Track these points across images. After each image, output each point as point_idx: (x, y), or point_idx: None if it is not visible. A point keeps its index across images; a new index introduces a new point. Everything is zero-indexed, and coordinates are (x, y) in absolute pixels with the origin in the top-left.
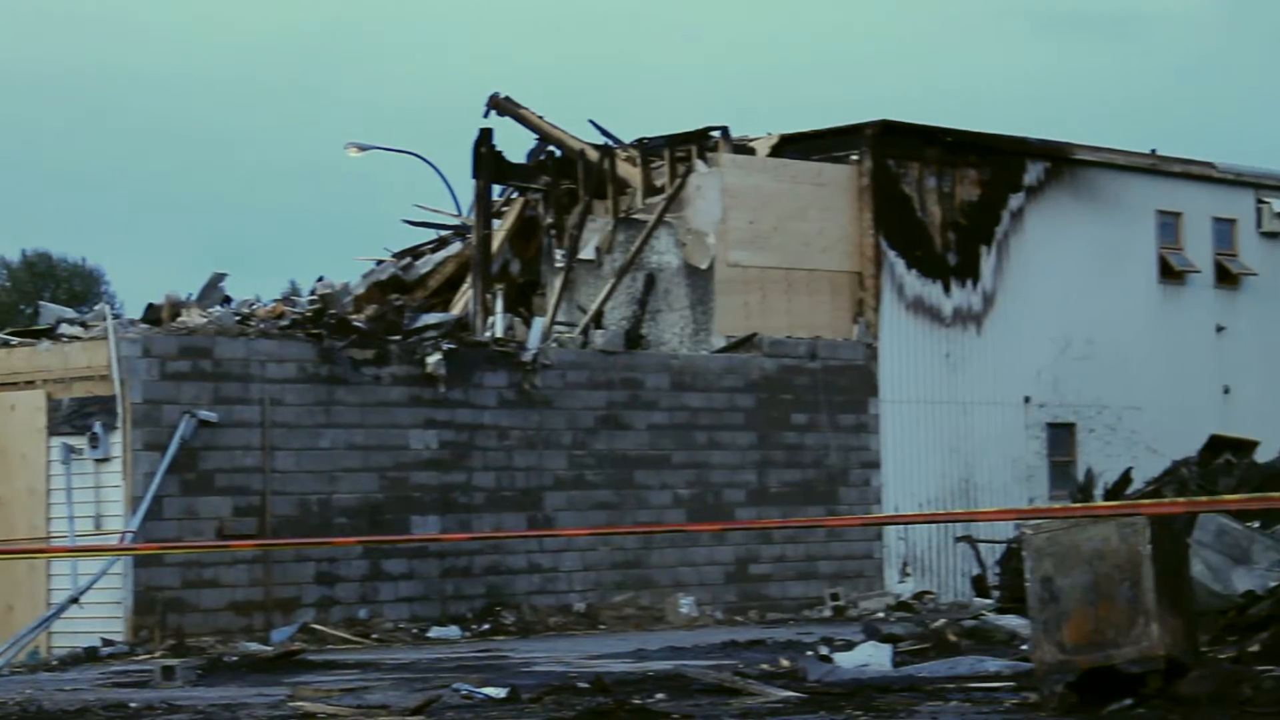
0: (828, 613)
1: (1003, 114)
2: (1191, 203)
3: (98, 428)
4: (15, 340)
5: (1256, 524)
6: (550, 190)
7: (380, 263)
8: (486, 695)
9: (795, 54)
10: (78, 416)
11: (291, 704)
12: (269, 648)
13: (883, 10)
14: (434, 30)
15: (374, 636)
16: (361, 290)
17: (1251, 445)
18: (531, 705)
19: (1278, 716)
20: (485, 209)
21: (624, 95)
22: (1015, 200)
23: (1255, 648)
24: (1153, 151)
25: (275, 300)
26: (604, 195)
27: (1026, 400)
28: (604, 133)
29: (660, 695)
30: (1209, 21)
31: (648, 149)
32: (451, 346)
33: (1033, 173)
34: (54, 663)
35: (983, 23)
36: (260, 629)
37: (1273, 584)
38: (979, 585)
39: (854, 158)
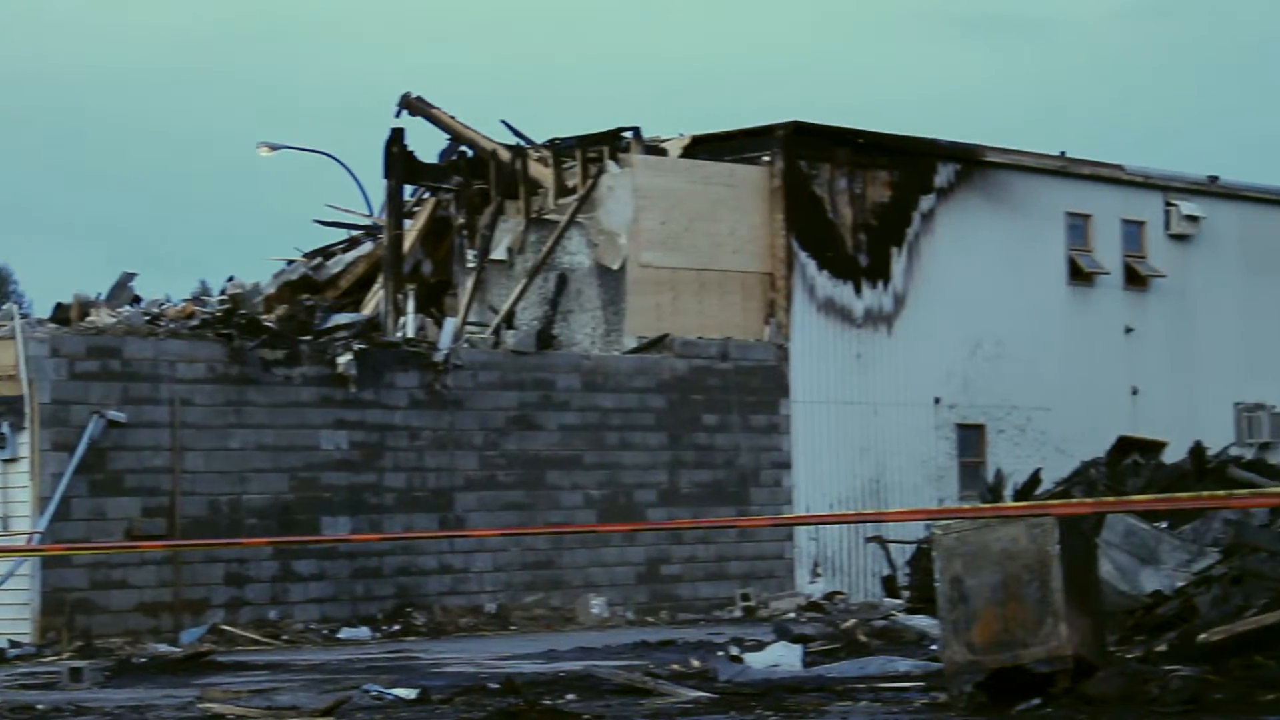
0: (739, 613)
1: (914, 116)
2: (1101, 205)
3: (5, 428)
4: None
5: (1164, 524)
6: (462, 190)
7: (291, 263)
8: (397, 696)
9: (707, 55)
10: None
11: (200, 705)
12: (178, 649)
13: (794, 12)
14: (346, 29)
15: (284, 638)
16: (272, 290)
17: (1159, 446)
18: (442, 706)
19: (1184, 716)
20: (397, 209)
21: (536, 96)
22: (926, 202)
23: (1162, 647)
24: (1062, 154)
25: (185, 300)
26: (516, 195)
27: (937, 401)
28: (516, 133)
29: (571, 696)
30: (1118, 25)
31: (560, 149)
32: (362, 347)
33: (943, 174)
34: None
35: (894, 25)
36: (169, 630)
37: (1180, 584)
38: (889, 585)
39: (765, 159)
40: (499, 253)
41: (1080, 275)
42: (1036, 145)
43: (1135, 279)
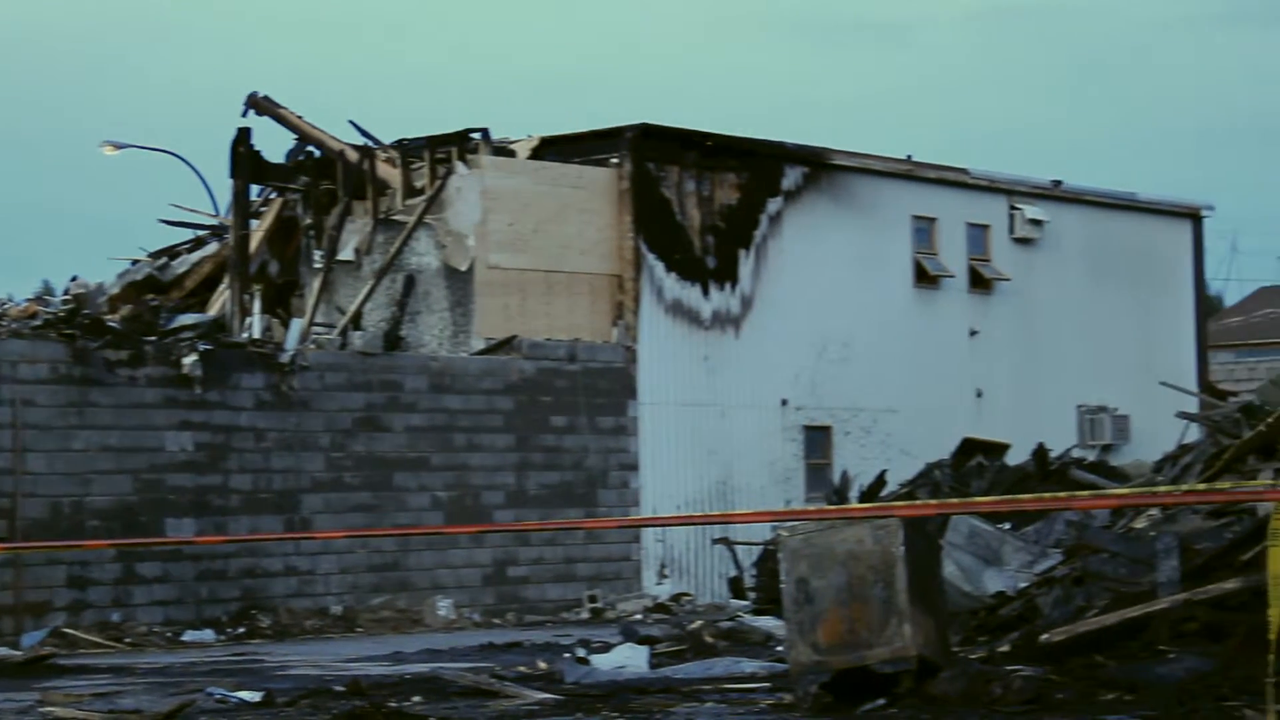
0: (586, 615)
1: (762, 119)
2: (946, 208)
3: None
4: None
5: (1007, 526)
6: (309, 191)
7: (136, 262)
8: (241, 699)
9: (556, 57)
10: None
11: (41, 709)
12: (18, 652)
13: (644, 14)
14: (193, 28)
15: (127, 640)
16: (116, 290)
17: (1003, 448)
18: (286, 709)
19: (1026, 715)
20: (243, 209)
21: (384, 96)
22: (773, 204)
23: (1005, 648)
24: (908, 157)
25: (28, 300)
26: (364, 196)
27: (784, 403)
28: (364, 133)
29: (417, 698)
30: (964, 31)
31: (408, 150)
32: (208, 347)
33: (791, 177)
34: None
35: (743, 29)
36: (10, 633)
37: (1023, 585)
38: (736, 587)
39: (614, 161)
40: (346, 253)
41: (926, 278)
42: (883, 149)
43: (980, 282)
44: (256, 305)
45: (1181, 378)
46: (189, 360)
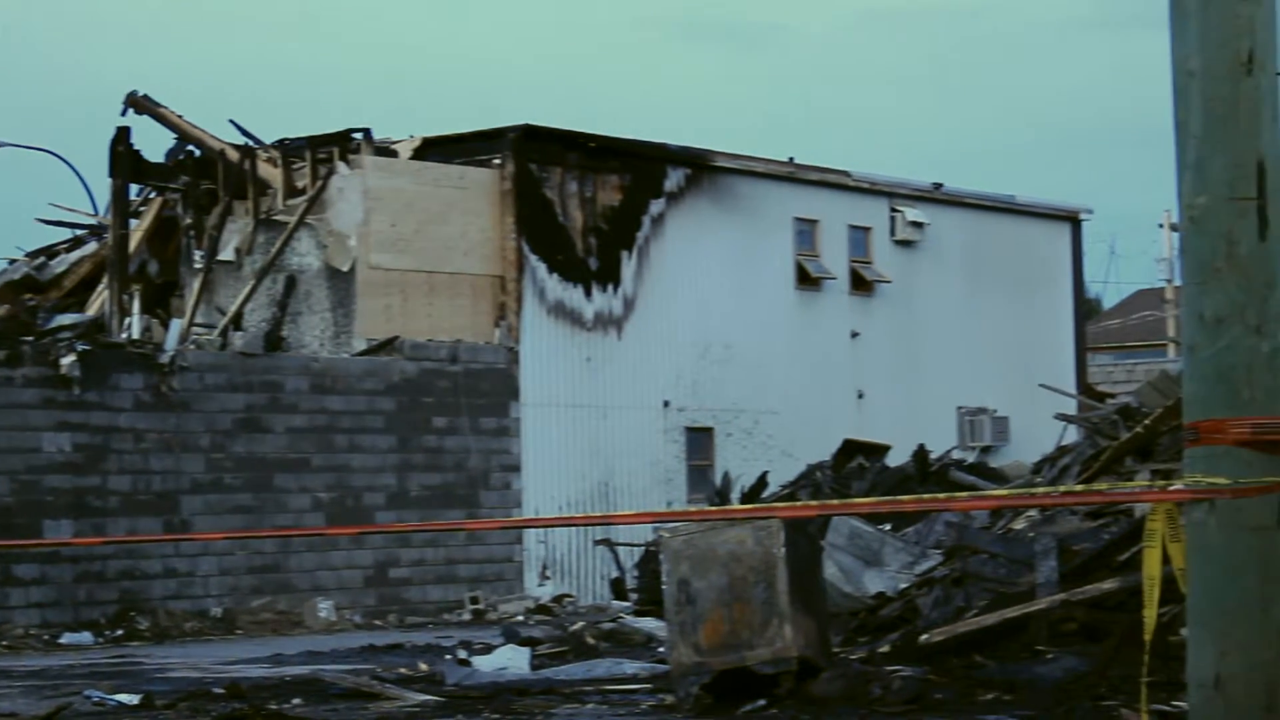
0: (467, 616)
1: (645, 121)
2: (827, 210)
3: None
4: None
5: (888, 527)
6: (189, 190)
7: (13, 262)
8: (119, 702)
9: (438, 57)
10: None
11: None
12: None
13: (526, 15)
14: (72, 25)
15: (3, 643)
16: None
17: (883, 449)
18: (165, 712)
19: (906, 715)
20: (122, 208)
21: (265, 96)
22: (656, 206)
23: (886, 648)
24: (790, 159)
25: None
26: (244, 196)
27: (666, 404)
28: (244, 133)
29: (297, 700)
30: (846, 34)
31: (289, 150)
32: (86, 348)
33: (673, 179)
34: None
35: (626, 30)
36: None
37: (903, 586)
38: (618, 588)
39: (496, 162)
40: (227, 253)
41: (808, 280)
42: (766, 151)
43: (861, 284)
44: (136, 305)
45: (1060, 379)
46: (67, 361)
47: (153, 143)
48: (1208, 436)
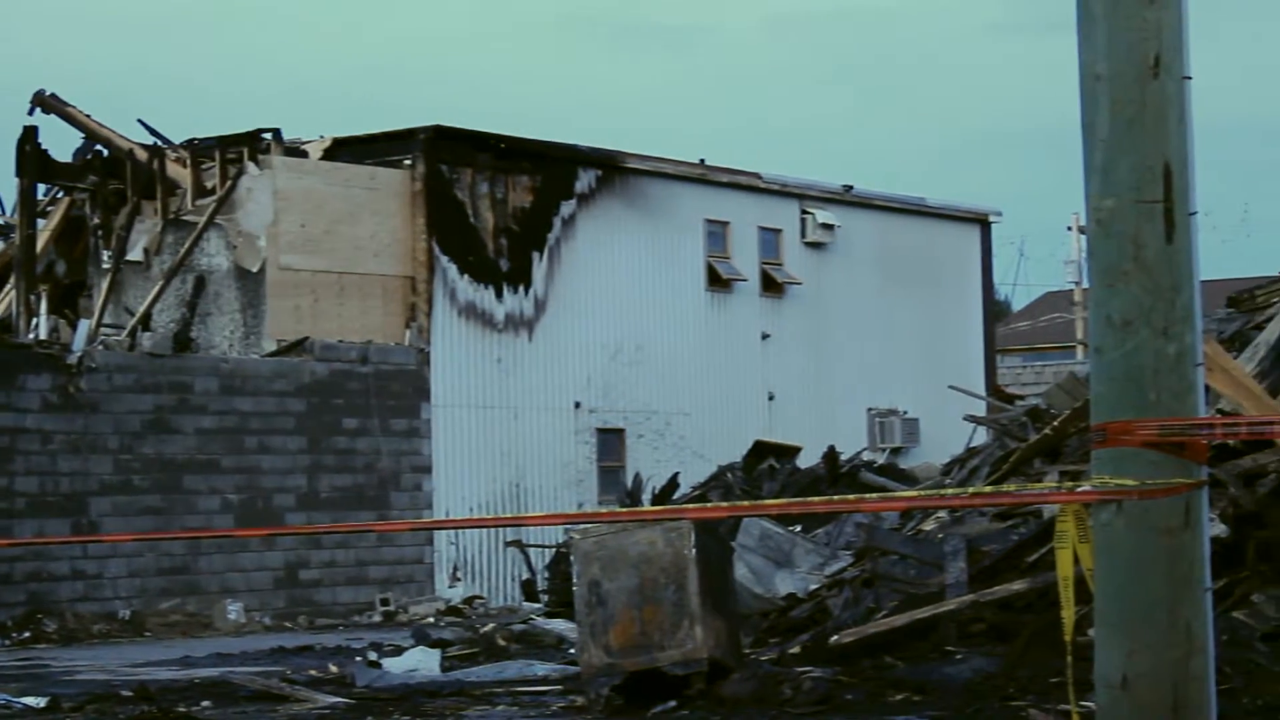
0: (378, 618)
1: (557, 122)
2: (738, 212)
3: None
4: None
5: (798, 528)
6: (97, 190)
7: None
8: (26, 705)
9: (350, 57)
10: None
11: None
12: None
13: (440, 16)
14: None
15: None
16: None
17: (794, 451)
18: (72, 715)
19: (816, 716)
20: (29, 208)
21: (173, 95)
22: (567, 207)
23: (796, 649)
24: (701, 161)
25: None
26: (153, 196)
27: (577, 405)
28: (153, 132)
29: (206, 703)
30: (755, 39)
31: (198, 150)
32: None
33: (584, 180)
34: None
35: (538, 32)
36: None
37: (813, 587)
38: (528, 590)
39: (407, 162)
40: (135, 254)
41: (719, 282)
42: (676, 152)
43: (772, 286)
44: (43, 306)
45: (970, 381)
46: None
47: (60, 142)
48: (1115, 438)
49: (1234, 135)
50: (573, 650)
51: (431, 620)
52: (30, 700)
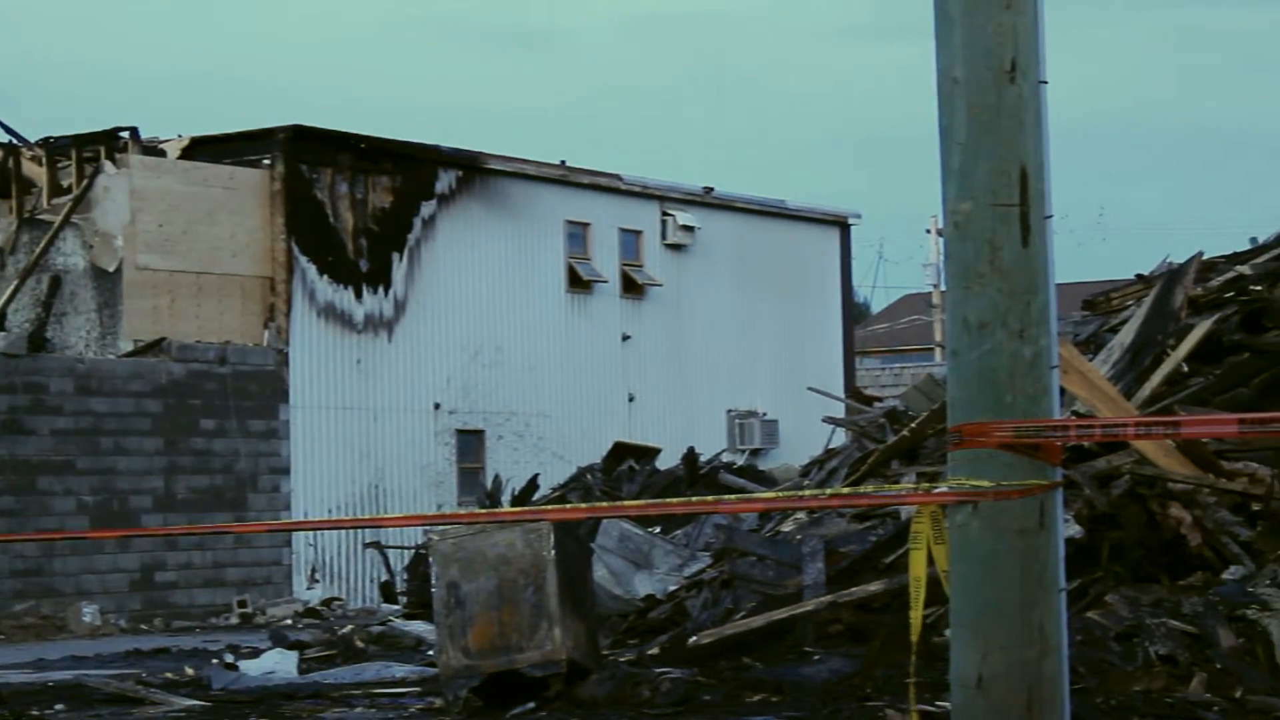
0: (235, 620)
1: (418, 123)
2: (599, 214)
3: None
4: None
5: (657, 529)
6: None
7: None
8: None
9: (206, 56)
10: None
11: None
12: None
13: (301, 16)
14: None
15: None
16: None
17: (653, 452)
18: None
19: (674, 717)
20: None
21: (27, 93)
22: (427, 208)
23: (655, 650)
24: (562, 163)
25: None
26: (8, 194)
27: (437, 407)
28: (8, 130)
29: (60, 706)
30: (618, 39)
31: (54, 148)
32: None
33: (444, 181)
34: None
35: (398, 32)
36: None
37: (672, 588)
38: (387, 591)
39: (266, 162)
40: None
41: (579, 283)
42: (537, 154)
43: (632, 287)
44: None
45: (829, 383)
46: None
47: None
48: (971, 440)
49: (1090, 139)
50: (431, 652)
51: (289, 622)
52: None
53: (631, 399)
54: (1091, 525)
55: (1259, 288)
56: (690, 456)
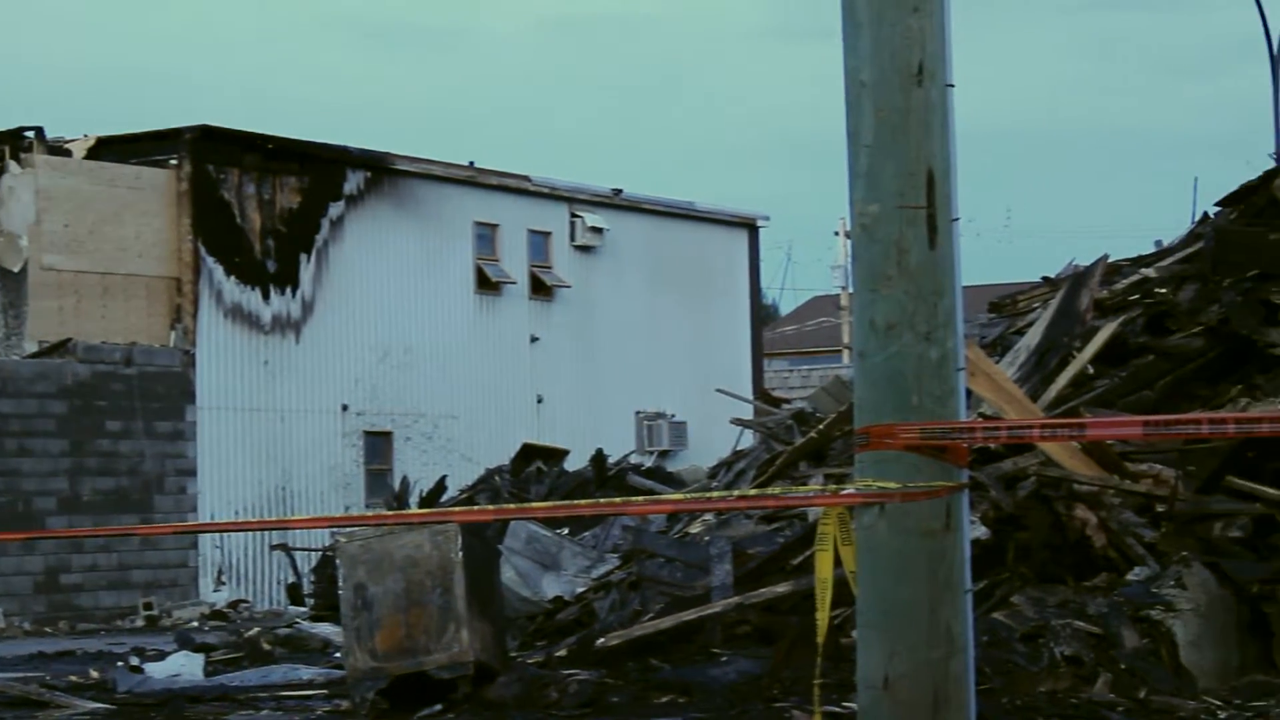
0: (141, 623)
1: (327, 123)
2: (508, 215)
3: None
4: None
5: (565, 531)
6: None
7: None
8: None
9: (113, 56)
10: None
11: None
12: None
13: (205, 14)
14: None
15: None
16: None
17: (561, 454)
18: None
19: (581, 719)
20: None
21: None
22: (335, 209)
23: (563, 652)
24: (471, 164)
25: None
26: None
27: (344, 408)
28: None
29: None
30: (528, 41)
31: None
32: None
33: (353, 182)
34: None
35: (306, 32)
36: None
37: (580, 590)
38: (294, 593)
39: (173, 162)
40: None
41: (487, 284)
42: (446, 155)
43: (541, 289)
44: None
45: (737, 385)
46: None
47: None
48: (878, 441)
49: (997, 142)
50: (338, 654)
51: (195, 624)
52: None
53: (540, 400)
54: (998, 526)
55: (1164, 290)
56: (598, 458)
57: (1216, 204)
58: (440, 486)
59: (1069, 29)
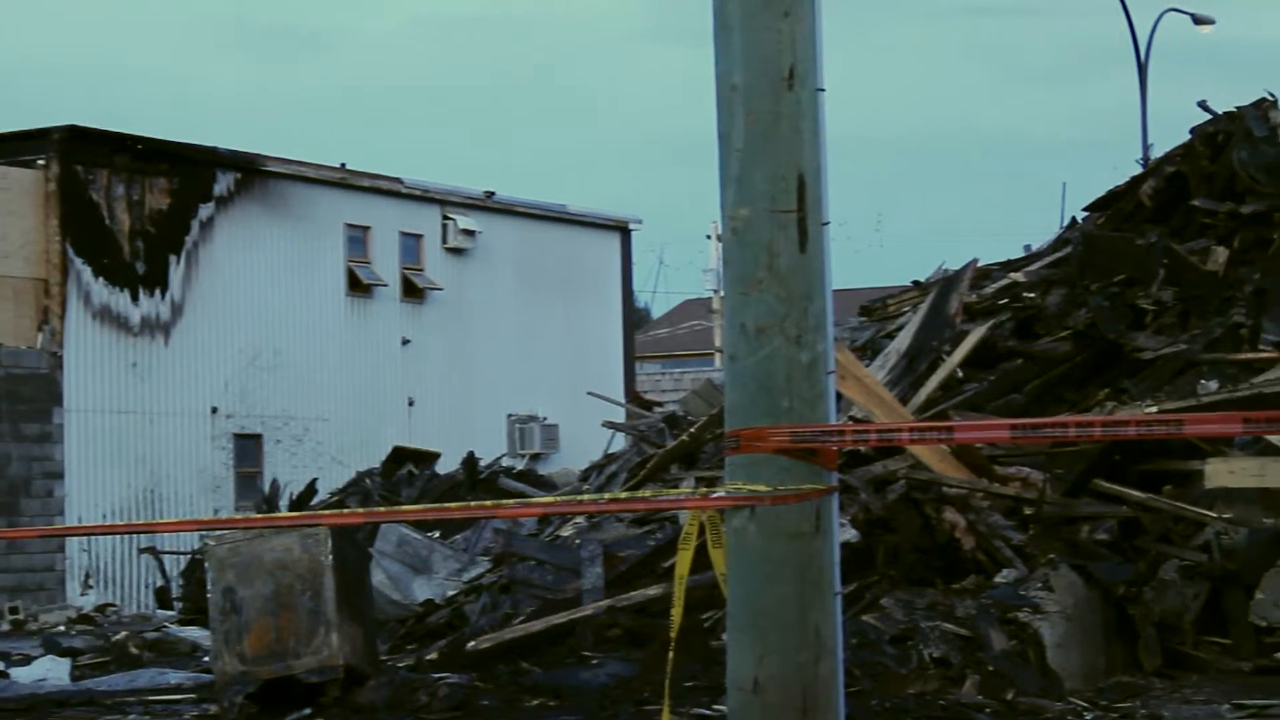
0: (6, 627)
1: (198, 124)
2: (380, 217)
3: None
4: None
5: (436, 534)
6: None
7: None
8: None
9: None
10: None
11: None
12: None
13: (76, 14)
14: None
15: None
16: None
17: (433, 456)
18: None
19: None
20: None
21: None
22: (205, 210)
23: (434, 655)
24: (343, 165)
25: None
26: None
27: (214, 411)
28: None
29: None
30: (400, 41)
31: None
32: None
33: (223, 183)
34: None
35: (176, 32)
36: None
37: (451, 593)
38: (162, 597)
39: (40, 162)
40: None
41: (359, 286)
42: (317, 157)
43: (413, 291)
44: None
45: (609, 388)
46: None
47: None
48: (748, 444)
49: (868, 147)
50: (207, 658)
51: (63, 629)
52: None
53: (411, 403)
54: (867, 529)
55: (1032, 295)
56: (470, 461)
57: (1084, 209)
58: (311, 489)
59: (940, 35)
